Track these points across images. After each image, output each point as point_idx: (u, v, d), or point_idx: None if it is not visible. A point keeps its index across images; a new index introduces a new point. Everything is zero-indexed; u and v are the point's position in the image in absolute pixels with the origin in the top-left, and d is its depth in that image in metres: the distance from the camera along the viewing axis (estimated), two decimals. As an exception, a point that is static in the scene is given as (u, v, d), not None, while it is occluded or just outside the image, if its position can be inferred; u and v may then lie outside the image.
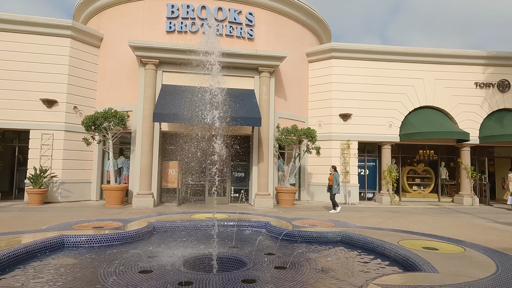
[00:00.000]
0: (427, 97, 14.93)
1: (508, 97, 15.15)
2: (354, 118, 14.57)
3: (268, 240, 6.22)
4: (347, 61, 14.83)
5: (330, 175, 11.62)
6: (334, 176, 11.35)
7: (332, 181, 11.37)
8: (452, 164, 16.52)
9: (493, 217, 11.05)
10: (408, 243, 5.25)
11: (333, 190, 11.32)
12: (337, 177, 11.32)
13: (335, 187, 11.26)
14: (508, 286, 3.30)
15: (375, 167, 15.62)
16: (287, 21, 14.64)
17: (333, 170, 11.59)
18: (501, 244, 6.48)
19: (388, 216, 10.23)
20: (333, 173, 11.47)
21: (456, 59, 15.00)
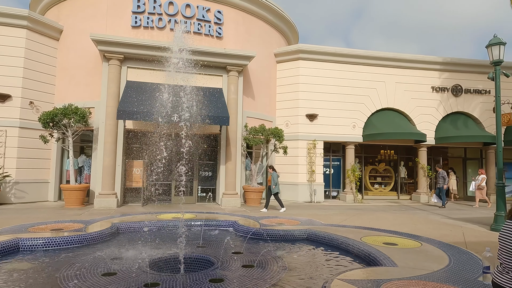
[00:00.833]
0: (388, 99, 15.62)
1: (460, 100, 16.22)
2: (320, 118, 14.94)
3: (236, 239, 6.23)
4: (314, 63, 15.17)
5: (269, 176, 11.51)
6: (272, 176, 11.25)
7: (271, 182, 11.25)
8: (410, 163, 17.41)
9: (447, 213, 11.79)
10: (370, 239, 5.48)
11: (272, 190, 11.18)
12: (275, 177, 11.21)
13: (273, 187, 11.13)
14: (459, 276, 3.55)
15: (340, 166, 16.12)
16: (256, 21, 14.71)
17: (271, 171, 11.47)
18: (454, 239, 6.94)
19: (352, 214, 10.60)
20: (272, 173, 11.34)
21: (415, 64, 15.83)
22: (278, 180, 11.45)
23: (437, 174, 14.08)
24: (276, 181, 11.24)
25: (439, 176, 13.83)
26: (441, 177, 13.72)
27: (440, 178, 13.74)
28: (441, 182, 13.67)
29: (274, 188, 11.19)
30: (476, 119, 16.23)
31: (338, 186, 16.13)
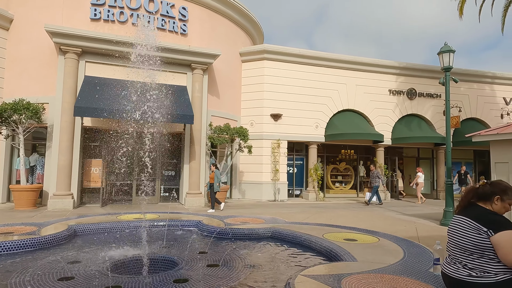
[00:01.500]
0: (349, 101, 16.22)
1: (415, 103, 17.23)
2: (284, 118, 15.18)
3: (201, 239, 6.18)
4: (278, 63, 15.38)
5: (212, 173, 11.16)
6: (215, 174, 10.94)
7: (214, 179, 10.95)
8: (369, 163, 18.19)
9: (401, 209, 12.49)
10: (332, 235, 5.68)
11: (214, 188, 10.87)
12: (218, 175, 10.95)
13: (217, 185, 10.86)
14: (413, 268, 3.79)
15: (303, 165, 16.49)
16: (222, 19, 14.64)
17: (214, 168, 11.15)
18: (408, 233, 7.38)
19: (314, 212, 10.89)
20: (214, 171, 11.03)
21: (373, 68, 16.57)
22: (221, 178, 11.17)
23: (371, 173, 14.44)
24: (219, 179, 10.96)
25: (373, 175, 14.22)
26: (375, 176, 14.12)
27: (375, 177, 14.13)
28: (375, 181, 14.06)
29: (217, 186, 10.85)
30: (428, 121, 17.32)
31: (301, 184, 16.49)
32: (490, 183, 2.78)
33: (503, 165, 7.60)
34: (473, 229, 2.60)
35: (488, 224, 2.56)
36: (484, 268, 2.54)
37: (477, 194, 2.80)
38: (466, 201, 2.85)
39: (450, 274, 2.76)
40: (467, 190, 2.91)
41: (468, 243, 2.61)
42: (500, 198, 2.69)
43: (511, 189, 2.72)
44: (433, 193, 18.11)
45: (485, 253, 2.54)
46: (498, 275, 2.49)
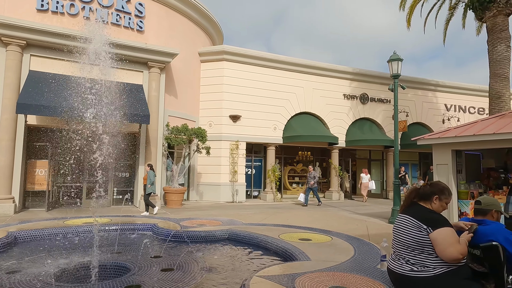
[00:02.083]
0: (306, 104, 16.67)
1: (367, 108, 18.12)
2: (243, 119, 15.24)
3: (155, 242, 6.00)
4: (238, 65, 15.41)
5: (145, 174, 10.67)
6: (148, 175, 10.38)
7: (147, 180, 10.38)
8: (324, 164, 18.83)
9: (354, 209, 13.06)
10: (287, 236, 5.79)
11: (146, 190, 10.31)
12: (151, 176, 10.36)
13: (149, 186, 10.26)
14: (362, 265, 3.98)
15: (261, 166, 16.65)
16: (180, 18, 14.37)
17: (148, 169, 10.55)
18: (359, 232, 7.73)
19: (271, 212, 11.04)
20: (148, 171, 10.47)
21: (329, 73, 17.18)
22: (155, 179, 10.57)
23: (308, 174, 14.42)
24: (152, 180, 10.35)
25: (310, 176, 14.23)
26: (312, 177, 14.17)
27: (312, 178, 14.18)
28: (312, 181, 14.10)
29: (149, 188, 10.22)
30: (379, 124, 18.30)
31: (259, 186, 16.64)
32: (430, 184, 3.01)
33: (444, 166, 8.23)
34: (415, 227, 2.80)
35: (428, 222, 2.76)
36: (424, 263, 2.74)
37: (418, 194, 3.01)
38: (409, 201, 3.06)
39: (394, 269, 2.94)
40: (410, 190, 3.12)
41: (410, 240, 2.80)
42: (438, 197, 2.92)
43: (448, 190, 2.96)
44: (383, 193, 19.14)
45: (425, 249, 2.74)
46: (436, 269, 2.69)
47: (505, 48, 12.68)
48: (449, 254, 2.62)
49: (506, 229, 2.83)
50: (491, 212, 2.96)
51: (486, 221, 2.92)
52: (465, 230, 2.90)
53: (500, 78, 12.65)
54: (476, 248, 2.82)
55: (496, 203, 3.00)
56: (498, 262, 2.68)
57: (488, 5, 12.67)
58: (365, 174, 16.83)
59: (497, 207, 2.98)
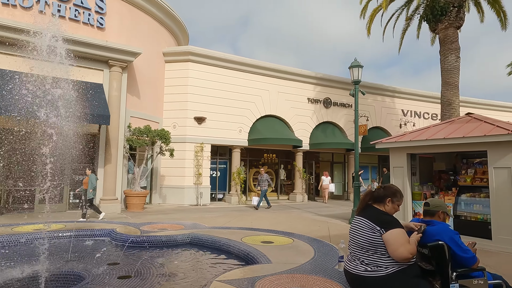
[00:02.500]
0: (271, 107, 16.84)
1: (330, 112, 18.64)
2: (208, 121, 15.10)
3: (113, 249, 5.77)
4: (203, 66, 15.26)
5: (86, 178, 10.00)
6: (90, 178, 9.78)
7: (88, 185, 9.79)
8: (289, 166, 19.12)
9: (317, 210, 13.36)
10: (250, 239, 5.80)
11: (88, 195, 9.75)
12: (93, 180, 9.79)
13: (90, 191, 9.71)
14: (321, 266, 4.07)
15: (226, 169, 16.58)
16: (144, 16, 13.99)
17: (89, 172, 9.96)
18: (321, 233, 7.92)
19: (236, 215, 11.02)
20: (90, 175, 9.85)
21: (294, 77, 17.50)
22: (97, 183, 10.04)
23: (260, 177, 13.98)
24: (94, 185, 9.81)
25: (262, 179, 13.84)
26: (264, 180, 13.81)
27: (264, 181, 13.81)
28: (264, 185, 13.74)
29: (90, 193, 9.70)
30: (341, 128, 18.89)
31: (224, 188, 16.55)
32: (383, 187, 3.14)
33: (400, 169, 8.66)
34: (369, 228, 2.91)
35: (381, 224, 2.88)
36: (377, 263, 2.85)
37: (373, 197, 3.13)
38: (364, 203, 3.17)
39: (350, 270, 3.03)
40: (365, 193, 3.24)
41: (364, 241, 2.91)
42: (391, 200, 3.06)
43: (400, 192, 3.11)
44: (345, 195, 19.76)
45: (378, 250, 2.85)
46: (388, 269, 2.82)
47: (455, 59, 13.60)
48: (400, 253, 2.75)
49: (451, 229, 3.02)
50: (438, 213, 3.15)
51: (433, 222, 3.10)
52: (415, 231, 3.06)
53: (450, 86, 13.54)
54: (425, 247, 2.98)
55: (443, 205, 3.19)
56: (444, 260, 2.85)
57: (440, 18, 13.54)
58: (326, 176, 17.43)
59: (444, 208, 3.17)
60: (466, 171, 8.14)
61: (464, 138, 7.07)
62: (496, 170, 6.72)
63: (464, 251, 2.88)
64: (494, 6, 15.18)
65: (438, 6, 13.40)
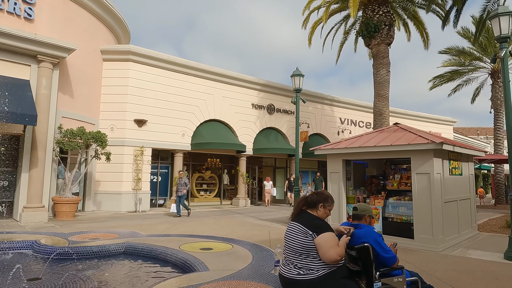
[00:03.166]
0: (216, 111, 16.76)
1: (273, 118, 19.09)
2: (149, 124, 14.54)
3: (35, 262, 5.25)
4: (145, 67, 14.70)
5: None
6: None
7: None
8: (233, 171, 19.13)
9: (259, 215, 13.53)
10: (189, 246, 5.67)
11: None
12: None
13: None
14: (258, 272, 4.12)
15: (168, 174, 16.08)
16: (79, 10, 13.08)
17: None
18: (261, 238, 8.02)
19: (177, 222, 10.72)
20: None
21: (239, 82, 17.64)
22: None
23: (179, 181, 12.66)
24: None
25: (181, 183, 12.53)
26: (183, 184, 12.53)
27: (182, 184, 12.52)
28: (182, 189, 12.44)
29: None
30: (284, 134, 19.43)
31: (165, 194, 16.03)
32: (316, 193, 3.28)
33: (336, 174, 9.13)
34: (302, 233, 3.01)
35: (313, 228, 3.00)
36: (309, 266, 2.96)
37: (306, 202, 3.26)
38: (299, 209, 3.29)
39: (284, 274, 3.11)
40: (299, 199, 3.35)
41: (298, 245, 3.00)
42: (323, 205, 3.20)
43: (331, 198, 3.27)
44: (286, 199, 20.28)
45: (311, 253, 2.96)
46: (319, 271, 2.94)
47: (386, 73, 14.80)
48: (329, 256, 2.89)
49: (375, 232, 3.26)
50: (365, 217, 3.37)
51: (360, 225, 3.31)
52: (345, 234, 3.24)
53: (382, 97, 14.69)
54: (352, 249, 3.17)
55: (369, 209, 3.43)
56: (369, 261, 3.05)
57: (374, 34, 14.66)
58: (267, 181, 17.88)
59: (370, 212, 3.41)
60: (394, 176, 8.87)
61: (392, 146, 7.69)
62: (418, 175, 7.41)
63: (386, 252, 3.11)
64: (419, 27, 16.87)
65: (372, 23, 14.50)
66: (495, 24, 6.89)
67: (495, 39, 7.05)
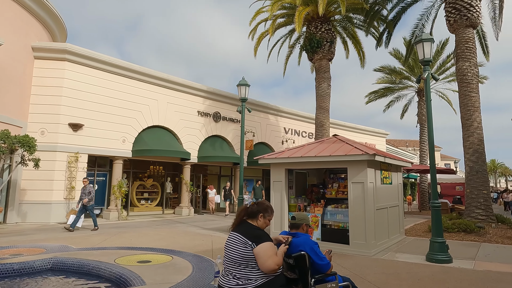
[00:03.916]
0: (160, 117, 16.26)
1: (219, 126, 19.05)
2: (86, 129, 13.62)
3: None
4: (84, 68, 13.79)
5: None
6: None
7: None
8: (177, 179, 18.63)
9: (202, 224, 13.32)
10: (125, 259, 5.39)
11: None
12: None
13: None
14: (197, 283, 4.05)
15: (106, 182, 15.15)
16: (8, 2, 11.94)
17: None
18: (204, 248, 7.90)
19: (114, 233, 10.12)
20: None
21: (185, 88, 17.34)
22: None
23: (83, 189, 11.21)
24: None
25: (85, 191, 11.11)
26: (87, 192, 11.09)
27: (86, 193, 11.08)
28: (85, 196, 11.01)
29: None
30: (229, 142, 19.46)
31: (102, 203, 15.04)
32: (256, 203, 3.34)
33: (279, 183, 9.36)
34: (242, 243, 3.03)
35: (253, 238, 3.04)
36: (248, 276, 2.99)
37: (247, 212, 3.29)
38: (239, 219, 3.31)
39: (223, 285, 3.09)
40: (240, 209, 3.38)
41: (237, 255, 3.02)
42: (263, 215, 3.26)
43: (271, 208, 3.35)
44: (231, 207, 20.24)
45: (249, 263, 2.99)
46: (257, 281, 2.98)
47: (327, 86, 15.64)
48: (268, 266, 2.94)
49: (311, 240, 3.40)
50: (302, 225, 3.50)
51: (298, 234, 3.43)
52: (283, 243, 3.33)
53: (323, 110, 15.47)
54: (290, 258, 3.26)
55: (306, 218, 3.57)
56: (305, 268, 3.17)
57: (316, 50, 15.45)
58: (211, 189, 17.80)
59: (307, 221, 3.55)
60: (332, 185, 9.35)
61: (331, 157, 8.11)
62: (354, 184, 7.89)
63: (321, 259, 3.26)
64: (357, 46, 18.15)
65: (315, 39, 15.28)
66: (419, 48, 7.68)
67: (419, 61, 7.85)
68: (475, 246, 8.67)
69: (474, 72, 12.41)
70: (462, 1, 12.42)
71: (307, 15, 15.62)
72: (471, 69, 12.38)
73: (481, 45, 15.98)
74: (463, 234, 10.10)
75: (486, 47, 16.09)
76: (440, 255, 6.80)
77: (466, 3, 12.38)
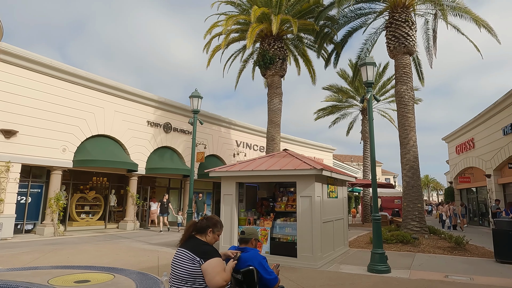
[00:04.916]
0: (105, 126, 15.44)
1: (169, 137, 18.57)
2: (21, 136, 12.49)
3: None
4: (19, 69, 12.71)
5: None
6: None
7: None
8: (122, 191, 17.71)
9: (148, 239, 12.74)
10: (60, 279, 4.97)
11: None
12: None
13: None
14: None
15: (41, 194, 13.92)
16: None
17: None
18: (149, 264, 7.55)
19: (48, 250, 9.28)
20: None
21: (134, 97, 16.72)
22: None
23: None
24: None
25: None
26: None
27: None
28: None
29: None
30: (180, 154, 19.02)
31: (36, 217, 13.77)
32: (206, 218, 3.29)
33: (229, 196, 9.30)
34: (189, 259, 2.96)
35: (201, 254, 2.98)
36: (195, 294, 2.91)
37: (196, 228, 3.23)
38: (188, 234, 3.22)
39: (168, 304, 2.98)
40: (188, 224, 3.31)
41: (184, 272, 2.93)
42: (212, 230, 3.22)
43: (220, 223, 3.32)
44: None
45: (197, 280, 2.92)
46: (205, 298, 2.91)
47: (278, 102, 16.07)
48: (215, 282, 2.89)
49: (260, 254, 3.42)
50: (251, 240, 3.52)
51: (247, 249, 3.43)
52: (232, 258, 3.30)
53: (274, 124, 15.83)
54: (238, 273, 3.24)
55: (255, 232, 3.59)
56: (253, 283, 3.17)
57: (269, 66, 15.88)
58: (154, 202, 17.33)
59: (256, 236, 3.57)
60: (282, 198, 9.52)
61: (280, 171, 8.29)
62: (302, 198, 8.12)
63: (268, 274, 3.29)
64: (307, 64, 18.98)
65: (268, 55, 15.71)
66: (363, 71, 8.25)
67: (363, 83, 8.42)
68: (411, 256, 9.32)
69: (410, 95, 13.58)
70: (400, 30, 13.64)
71: (261, 32, 16.06)
72: (407, 92, 13.54)
73: (417, 71, 17.60)
74: (401, 245, 10.82)
75: (421, 73, 17.76)
76: (380, 265, 7.20)
77: (404, 32, 13.61)
